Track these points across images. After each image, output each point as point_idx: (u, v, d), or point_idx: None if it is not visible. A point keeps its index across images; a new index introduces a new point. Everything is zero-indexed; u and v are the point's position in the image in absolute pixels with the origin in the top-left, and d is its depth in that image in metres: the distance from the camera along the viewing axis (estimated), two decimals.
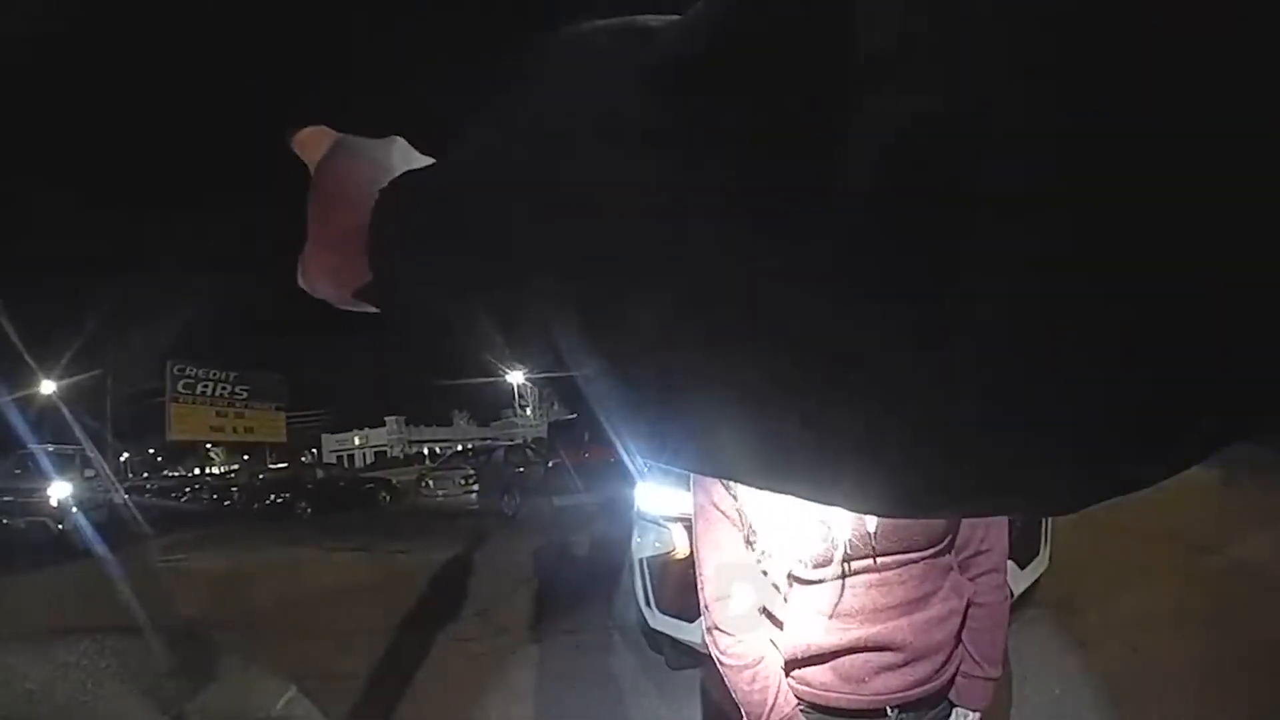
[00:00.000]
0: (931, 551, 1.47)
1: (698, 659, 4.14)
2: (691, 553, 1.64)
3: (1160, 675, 3.85)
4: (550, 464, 19.73)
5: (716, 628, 1.53)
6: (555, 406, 59.36)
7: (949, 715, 1.53)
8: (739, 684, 1.51)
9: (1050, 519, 4.70)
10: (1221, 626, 4.19)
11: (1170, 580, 5.05)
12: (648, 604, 4.81)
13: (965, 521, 1.48)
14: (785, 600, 1.49)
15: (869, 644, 1.44)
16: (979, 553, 1.54)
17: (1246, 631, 4.07)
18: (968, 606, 1.52)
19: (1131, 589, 5.02)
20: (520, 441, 30.35)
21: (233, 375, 35.88)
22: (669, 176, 0.29)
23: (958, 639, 1.51)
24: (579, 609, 6.85)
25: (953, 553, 1.52)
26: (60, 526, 16.66)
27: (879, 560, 1.41)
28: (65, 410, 29.82)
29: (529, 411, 62.49)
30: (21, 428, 21.07)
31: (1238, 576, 4.83)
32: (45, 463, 18.76)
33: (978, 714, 1.53)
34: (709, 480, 1.51)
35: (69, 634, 7.22)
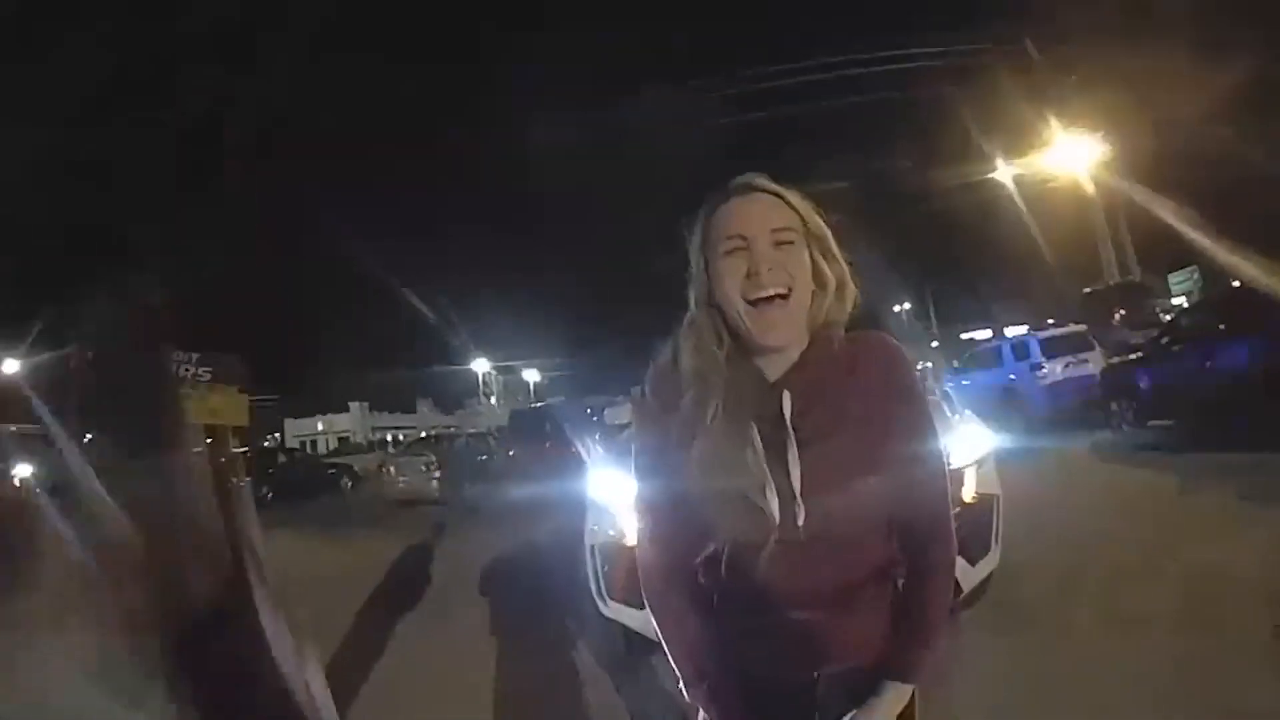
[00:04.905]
0: (868, 533, 1.51)
1: (652, 646, 4.18)
2: None
3: (1117, 679, 3.82)
4: (512, 453, 19.74)
5: (649, 588, 1.60)
6: (519, 396, 59.35)
7: (882, 688, 1.51)
8: (672, 650, 1.57)
9: (1001, 514, 4.79)
10: (1182, 630, 4.15)
11: (1130, 584, 4.98)
12: (599, 592, 4.85)
13: (906, 501, 1.50)
14: (717, 571, 1.52)
15: (800, 615, 1.48)
16: (920, 534, 1.55)
17: (1207, 635, 4.05)
18: (906, 583, 1.55)
19: (1089, 593, 5.01)
20: (484, 430, 30.30)
21: (195, 356, 35.32)
22: None
23: (894, 612, 1.54)
24: (538, 597, 6.93)
25: (892, 531, 1.54)
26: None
27: (811, 541, 1.43)
28: (28, 390, 29.37)
29: (493, 400, 62.37)
30: None
31: (1200, 580, 4.78)
32: (5, 443, 18.49)
33: (911, 688, 1.53)
34: (653, 439, 1.56)
35: (28, 618, 7.18)
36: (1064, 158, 26.10)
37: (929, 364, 28.20)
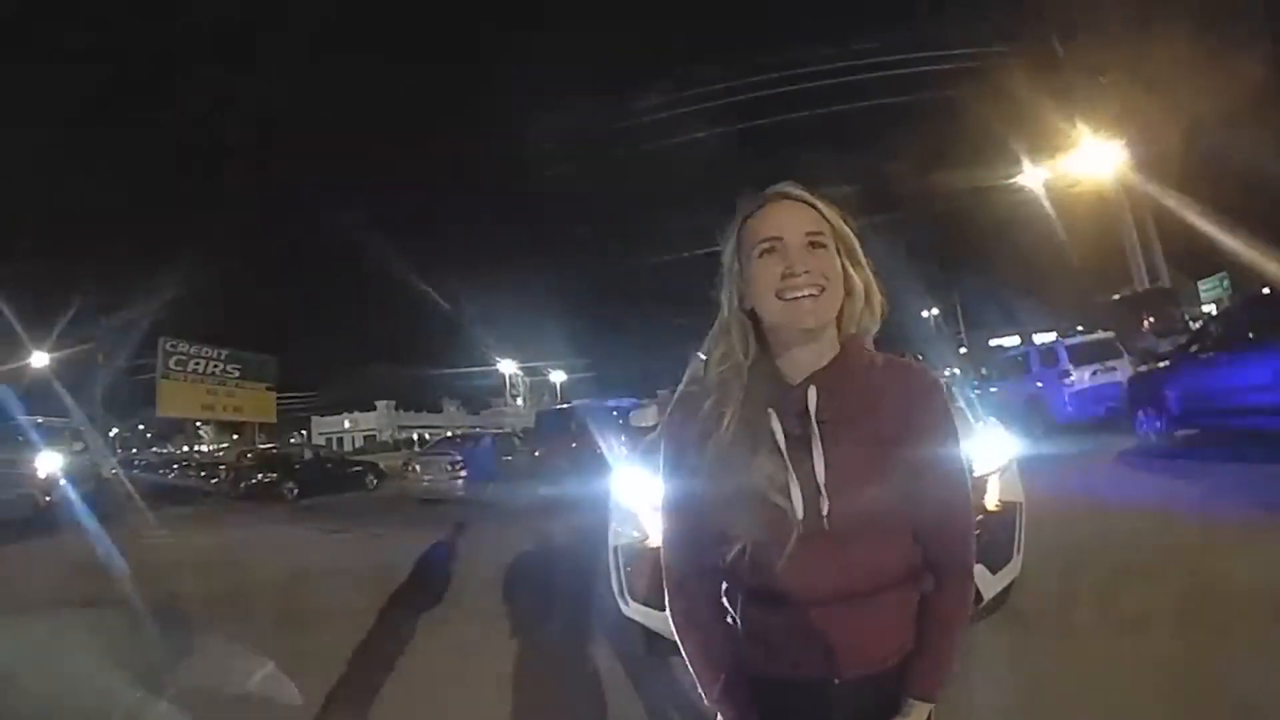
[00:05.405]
0: (890, 534, 1.50)
1: (672, 648, 4.15)
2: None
3: (1129, 685, 3.82)
4: (537, 453, 19.79)
5: (670, 591, 1.61)
6: (545, 397, 59.50)
7: (907, 707, 1.51)
8: (690, 652, 1.58)
9: (1024, 523, 4.76)
10: (1196, 638, 4.11)
11: (1145, 592, 4.97)
12: (621, 592, 4.85)
13: (928, 513, 1.51)
14: (739, 573, 1.52)
15: (819, 619, 1.47)
16: (942, 544, 1.55)
17: (1219, 644, 4.02)
18: (927, 595, 1.54)
19: (1105, 599, 4.97)
20: (509, 430, 30.37)
21: (224, 353, 35.64)
22: None
23: (912, 624, 1.53)
24: (559, 596, 6.95)
25: (914, 539, 1.54)
26: (48, 499, 16.69)
27: (834, 538, 1.43)
28: (56, 383, 29.85)
29: (519, 401, 62.56)
30: (11, 399, 21.06)
31: (1221, 592, 4.74)
32: (34, 435, 18.77)
33: (929, 706, 1.52)
34: (676, 449, 1.57)
35: (50, 606, 7.29)
36: (1092, 161, 25.71)
37: (956, 370, 28.10)
